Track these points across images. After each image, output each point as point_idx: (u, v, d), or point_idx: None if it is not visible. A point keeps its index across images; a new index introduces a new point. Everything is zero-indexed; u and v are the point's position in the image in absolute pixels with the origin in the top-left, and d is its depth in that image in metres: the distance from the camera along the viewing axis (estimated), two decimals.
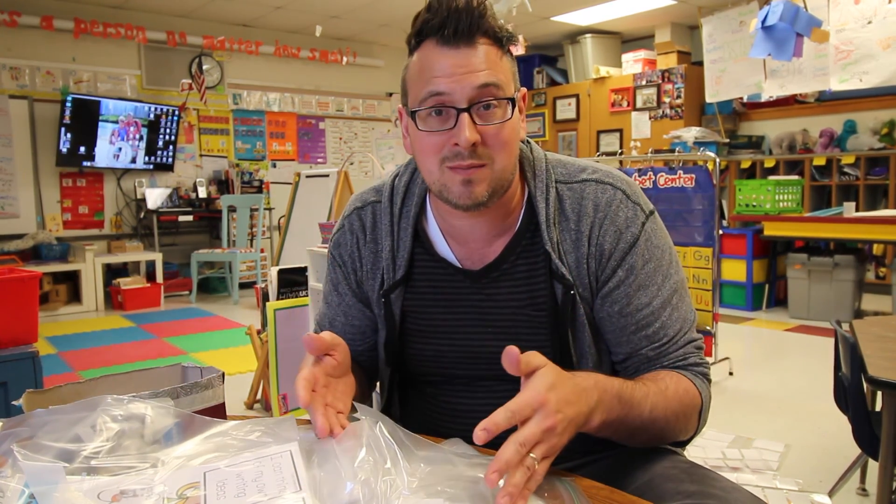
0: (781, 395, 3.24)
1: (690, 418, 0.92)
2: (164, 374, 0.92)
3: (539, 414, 0.71)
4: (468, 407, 0.99)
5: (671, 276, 0.95)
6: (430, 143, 0.88)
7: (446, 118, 0.86)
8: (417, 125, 0.89)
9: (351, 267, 1.05)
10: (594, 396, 0.78)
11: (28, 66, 5.92)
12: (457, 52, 0.86)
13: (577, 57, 7.49)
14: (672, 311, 0.95)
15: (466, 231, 0.97)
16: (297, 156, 7.55)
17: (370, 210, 1.04)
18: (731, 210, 5.70)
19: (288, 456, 0.70)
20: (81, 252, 5.83)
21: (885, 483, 1.63)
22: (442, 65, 0.86)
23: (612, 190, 0.95)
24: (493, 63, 0.87)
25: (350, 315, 1.05)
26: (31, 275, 1.95)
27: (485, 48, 0.87)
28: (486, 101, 0.86)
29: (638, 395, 0.85)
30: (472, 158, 0.86)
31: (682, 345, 0.95)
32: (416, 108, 0.88)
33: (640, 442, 0.90)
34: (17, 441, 0.68)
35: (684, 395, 0.90)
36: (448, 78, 0.85)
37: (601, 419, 0.79)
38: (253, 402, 3.16)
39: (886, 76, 4.53)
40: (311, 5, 6.23)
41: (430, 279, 0.99)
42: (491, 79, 0.86)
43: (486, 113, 0.86)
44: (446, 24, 0.85)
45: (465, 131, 0.84)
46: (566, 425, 0.73)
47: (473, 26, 0.85)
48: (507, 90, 0.88)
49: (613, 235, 0.93)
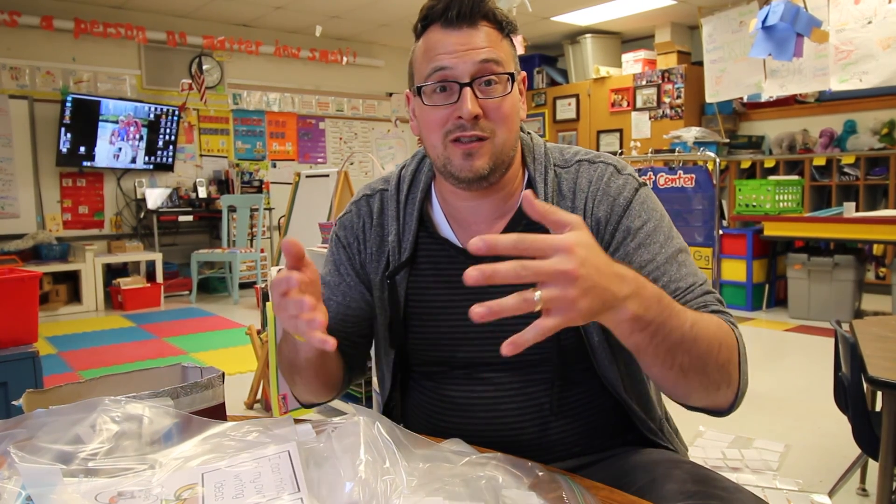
0: (781, 395, 3.24)
1: (731, 357, 0.82)
2: (164, 374, 0.92)
3: (560, 255, 0.62)
4: (467, 400, 0.99)
5: (673, 237, 0.95)
6: (435, 117, 0.93)
7: (450, 93, 0.92)
8: (423, 101, 0.94)
9: (356, 248, 1.07)
10: (631, 284, 0.68)
11: (28, 66, 5.92)
12: (459, 32, 0.92)
13: (577, 57, 7.49)
14: (679, 267, 0.92)
15: (469, 213, 1.01)
16: (297, 156, 7.55)
17: (378, 197, 1.08)
18: (731, 210, 5.69)
19: (286, 456, 0.69)
20: (81, 252, 5.83)
21: (885, 483, 1.63)
22: (445, 43, 0.92)
23: (604, 166, 1.00)
24: (493, 42, 0.93)
25: (348, 296, 1.06)
26: (31, 275, 1.94)
27: (486, 29, 0.93)
28: (487, 77, 0.91)
29: (677, 306, 0.75)
30: (475, 130, 0.91)
31: (699, 294, 0.90)
32: (422, 83, 0.93)
33: (682, 367, 0.77)
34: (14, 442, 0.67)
35: (719, 327, 0.82)
36: (451, 55, 0.91)
37: (635, 311, 0.68)
38: (253, 403, 3.16)
39: (886, 76, 4.53)
40: (311, 5, 6.23)
41: (434, 261, 1.01)
42: (492, 55, 0.92)
43: (487, 88, 0.92)
44: (450, 7, 0.92)
45: (467, 103, 0.90)
46: (589, 286, 0.62)
47: (475, 9, 0.92)
48: (507, 67, 0.93)
49: (607, 204, 0.97)
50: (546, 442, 0.96)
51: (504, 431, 0.96)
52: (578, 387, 0.98)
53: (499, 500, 0.67)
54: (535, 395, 0.96)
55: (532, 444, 0.95)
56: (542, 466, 0.77)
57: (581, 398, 0.98)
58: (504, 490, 0.69)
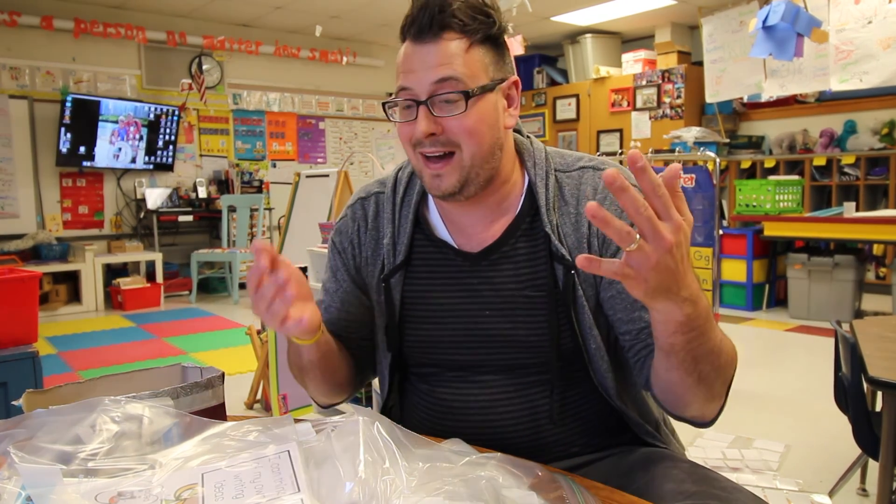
0: (781, 395, 3.24)
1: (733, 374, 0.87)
2: (163, 374, 0.92)
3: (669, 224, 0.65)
4: (461, 403, 0.99)
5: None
6: (403, 132, 0.94)
7: (412, 110, 0.92)
8: (390, 116, 0.96)
9: (350, 253, 1.06)
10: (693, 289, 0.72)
11: (28, 66, 5.92)
12: (422, 48, 0.91)
13: (577, 57, 7.49)
14: None
15: (460, 215, 1.00)
16: (297, 156, 7.55)
17: (374, 200, 1.07)
18: (732, 210, 5.69)
19: (286, 456, 0.69)
20: (81, 252, 5.83)
21: (885, 483, 1.63)
22: (410, 60, 0.92)
23: None
24: (454, 57, 0.90)
25: (346, 302, 1.06)
26: (31, 275, 1.94)
27: (449, 43, 0.90)
28: (442, 96, 0.90)
29: (714, 321, 0.80)
30: (436, 146, 0.91)
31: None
32: (387, 101, 0.95)
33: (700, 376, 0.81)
34: (14, 442, 0.67)
35: (732, 345, 0.86)
36: (411, 73, 0.91)
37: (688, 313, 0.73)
38: (253, 402, 3.16)
39: (886, 76, 4.53)
40: (311, 5, 6.23)
41: (429, 263, 1.01)
42: (447, 73, 0.89)
43: (446, 106, 0.90)
44: (414, 21, 0.91)
45: (420, 123, 0.90)
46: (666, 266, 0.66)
47: (435, 22, 0.89)
48: (468, 83, 0.90)
49: (615, 213, 0.93)
50: (541, 445, 0.96)
51: (498, 435, 0.96)
52: (574, 391, 0.98)
53: (499, 500, 0.67)
54: (530, 399, 0.96)
55: (527, 448, 0.94)
56: (543, 466, 0.77)
57: (577, 402, 0.98)
58: (504, 490, 0.69)
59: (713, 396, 0.86)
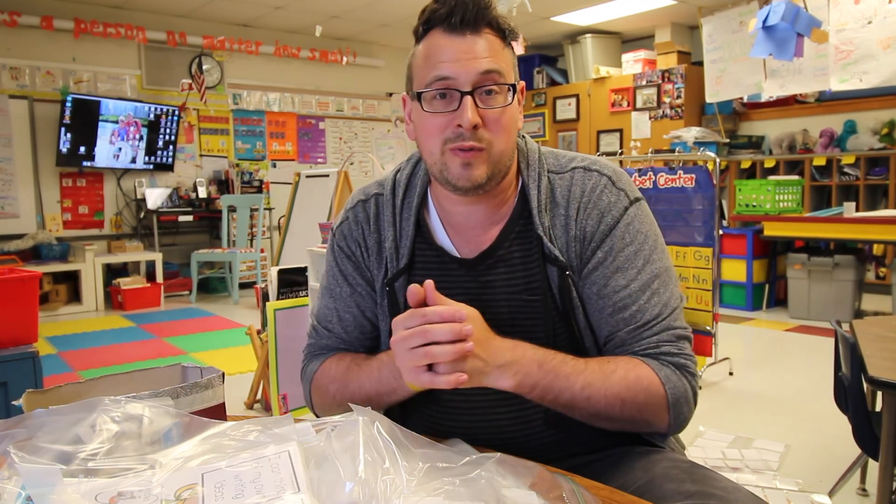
0: (781, 395, 3.24)
1: (647, 408, 0.90)
2: (164, 374, 0.92)
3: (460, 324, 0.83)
4: (459, 404, 0.99)
5: (654, 261, 0.96)
6: (433, 124, 0.93)
7: (450, 101, 0.91)
8: (423, 107, 0.93)
9: (360, 255, 1.06)
10: (506, 355, 0.86)
11: (28, 66, 5.92)
12: (462, 40, 0.91)
13: (577, 57, 7.49)
14: (651, 296, 0.94)
15: (464, 218, 1.00)
16: (297, 156, 7.55)
17: (373, 202, 1.07)
18: (731, 210, 5.69)
19: (286, 456, 0.69)
20: (81, 252, 5.83)
21: (885, 483, 1.63)
22: (448, 51, 0.91)
23: (598, 176, 0.99)
24: (495, 52, 0.92)
25: (363, 306, 1.06)
26: (31, 275, 1.94)
27: (488, 37, 0.92)
28: (488, 87, 0.90)
29: (567, 369, 0.88)
30: (473, 140, 0.91)
31: (657, 331, 0.93)
32: (422, 90, 0.92)
33: (584, 417, 0.91)
34: (14, 442, 0.67)
35: (634, 383, 0.89)
36: (454, 63, 0.90)
37: (516, 381, 0.87)
38: (253, 402, 3.16)
39: (886, 76, 4.53)
40: (311, 5, 6.23)
41: (429, 269, 1.01)
42: (494, 65, 0.91)
43: (487, 98, 0.91)
44: (454, 12, 0.90)
45: (467, 112, 0.89)
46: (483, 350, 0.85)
47: (479, 16, 0.91)
48: (508, 77, 0.92)
49: (596, 218, 0.96)
50: (540, 445, 0.97)
51: (497, 435, 0.96)
52: None
53: (499, 500, 0.67)
54: (528, 401, 0.96)
55: (526, 448, 0.94)
56: (542, 466, 0.76)
57: None
58: (504, 490, 0.69)
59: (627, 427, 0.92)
